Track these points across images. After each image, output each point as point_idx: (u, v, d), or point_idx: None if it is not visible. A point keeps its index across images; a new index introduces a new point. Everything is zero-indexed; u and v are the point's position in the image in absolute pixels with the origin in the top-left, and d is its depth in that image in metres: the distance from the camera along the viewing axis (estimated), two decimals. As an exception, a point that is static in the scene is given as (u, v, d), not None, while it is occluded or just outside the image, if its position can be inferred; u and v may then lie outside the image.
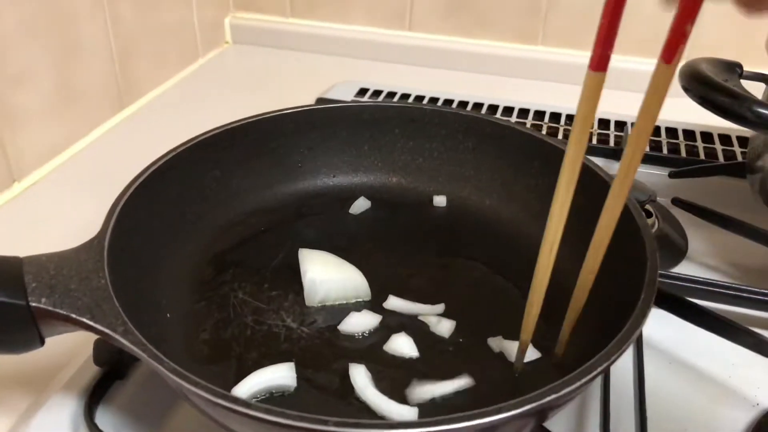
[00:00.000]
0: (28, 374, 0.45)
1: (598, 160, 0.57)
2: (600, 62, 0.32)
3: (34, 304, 0.33)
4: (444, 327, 0.44)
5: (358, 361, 0.41)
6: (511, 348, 0.42)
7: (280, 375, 0.39)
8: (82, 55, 0.70)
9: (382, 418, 0.38)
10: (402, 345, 0.42)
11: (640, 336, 0.46)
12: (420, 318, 0.44)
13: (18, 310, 0.33)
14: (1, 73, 0.61)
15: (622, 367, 0.45)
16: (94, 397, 0.41)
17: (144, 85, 0.82)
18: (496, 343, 0.43)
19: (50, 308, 0.34)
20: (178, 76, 0.88)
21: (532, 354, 0.42)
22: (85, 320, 0.33)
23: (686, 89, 0.46)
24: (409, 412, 0.37)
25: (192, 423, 0.41)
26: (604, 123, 0.75)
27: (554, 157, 0.50)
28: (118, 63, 0.76)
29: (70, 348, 0.45)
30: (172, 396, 0.43)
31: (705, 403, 0.43)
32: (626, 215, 0.43)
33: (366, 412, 0.38)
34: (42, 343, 0.36)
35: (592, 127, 0.74)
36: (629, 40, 0.82)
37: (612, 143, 0.71)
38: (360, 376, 0.39)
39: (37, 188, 0.66)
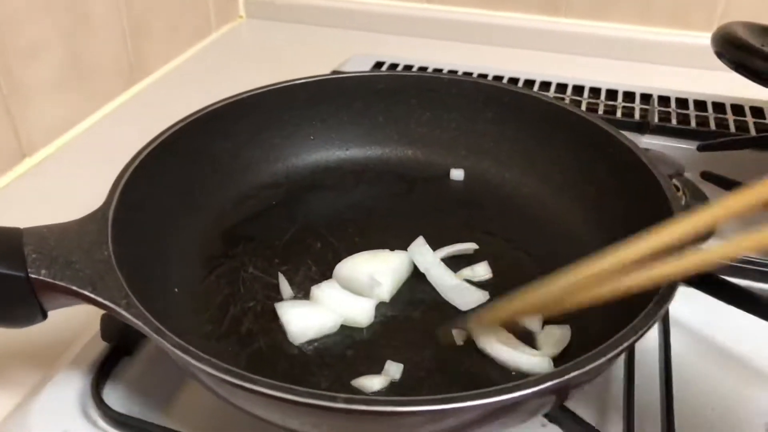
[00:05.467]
0: (36, 351, 0.44)
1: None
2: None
3: (33, 276, 0.32)
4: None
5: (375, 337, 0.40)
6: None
7: (360, 308, 0.40)
8: (92, 29, 0.69)
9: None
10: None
11: (667, 315, 0.44)
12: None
13: (17, 282, 0.32)
14: (13, 46, 0.60)
15: (647, 346, 0.43)
16: (102, 373, 0.40)
17: (155, 60, 0.80)
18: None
19: (50, 280, 0.32)
20: (191, 51, 0.87)
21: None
22: (86, 293, 0.32)
23: (720, 54, 0.44)
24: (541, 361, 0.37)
25: (201, 400, 0.40)
26: (629, 96, 0.72)
27: (579, 127, 0.48)
28: (129, 37, 0.75)
29: (77, 324, 0.44)
30: (181, 373, 0.42)
31: (733, 384, 0.41)
32: (652, 185, 0.41)
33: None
34: (44, 316, 0.35)
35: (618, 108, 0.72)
36: (660, 12, 0.80)
37: (637, 116, 0.68)
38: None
39: (48, 164, 0.65)
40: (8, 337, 0.45)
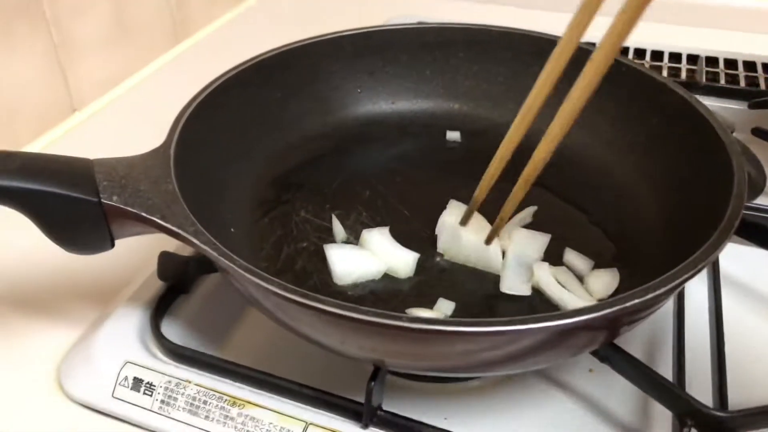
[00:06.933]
0: (96, 288, 0.46)
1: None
2: None
3: (105, 202, 0.33)
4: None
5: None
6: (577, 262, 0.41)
7: (402, 259, 0.40)
8: (138, -14, 0.70)
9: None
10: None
11: (718, 268, 0.44)
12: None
13: (90, 207, 0.33)
14: (62, 1, 0.61)
15: (697, 299, 0.43)
16: (160, 309, 0.41)
17: (198, 20, 0.81)
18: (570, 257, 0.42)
19: (121, 206, 0.33)
20: (232, 12, 0.88)
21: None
22: (155, 219, 0.33)
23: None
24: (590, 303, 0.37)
25: (253, 336, 0.42)
26: (675, 57, 0.71)
27: (630, 79, 0.48)
28: (173, -3, 0.76)
29: (135, 263, 0.46)
30: (235, 310, 0.43)
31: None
32: (710, 133, 0.40)
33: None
34: (112, 244, 0.36)
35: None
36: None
37: (684, 77, 0.67)
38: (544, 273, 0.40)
39: (96, 118, 0.66)
40: (69, 275, 0.47)
